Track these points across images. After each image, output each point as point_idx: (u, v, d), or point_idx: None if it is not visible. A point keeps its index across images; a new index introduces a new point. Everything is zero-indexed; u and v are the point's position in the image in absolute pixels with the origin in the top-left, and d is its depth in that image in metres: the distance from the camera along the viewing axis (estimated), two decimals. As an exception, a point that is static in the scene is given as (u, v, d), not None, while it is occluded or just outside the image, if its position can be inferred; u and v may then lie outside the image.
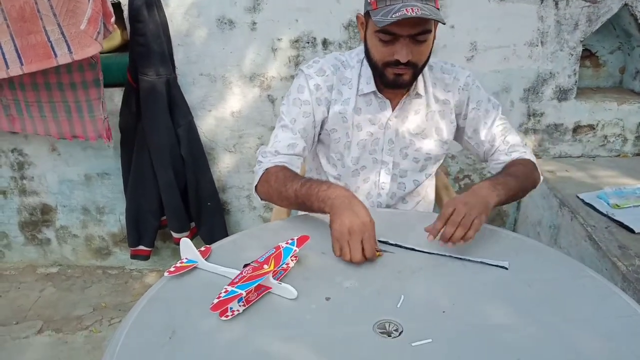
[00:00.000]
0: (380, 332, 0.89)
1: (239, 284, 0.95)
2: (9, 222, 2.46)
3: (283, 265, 1.03)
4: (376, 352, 0.85)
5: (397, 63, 1.18)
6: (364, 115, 1.32)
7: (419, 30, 1.14)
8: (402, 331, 0.89)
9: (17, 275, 2.51)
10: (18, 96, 1.99)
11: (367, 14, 1.20)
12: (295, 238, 1.08)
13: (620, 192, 1.86)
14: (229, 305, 0.93)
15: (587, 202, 1.83)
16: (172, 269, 1.07)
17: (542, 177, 1.36)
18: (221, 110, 2.19)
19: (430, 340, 0.87)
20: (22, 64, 1.65)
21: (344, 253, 1.06)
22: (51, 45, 1.61)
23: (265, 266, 0.99)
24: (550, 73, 2.13)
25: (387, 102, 1.32)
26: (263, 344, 0.87)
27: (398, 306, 0.95)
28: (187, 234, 2.23)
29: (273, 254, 1.04)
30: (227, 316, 0.93)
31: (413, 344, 0.86)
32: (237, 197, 2.34)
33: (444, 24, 1.14)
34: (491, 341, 0.87)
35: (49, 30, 1.59)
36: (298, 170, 1.30)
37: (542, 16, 2.05)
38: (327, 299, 0.98)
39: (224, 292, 0.93)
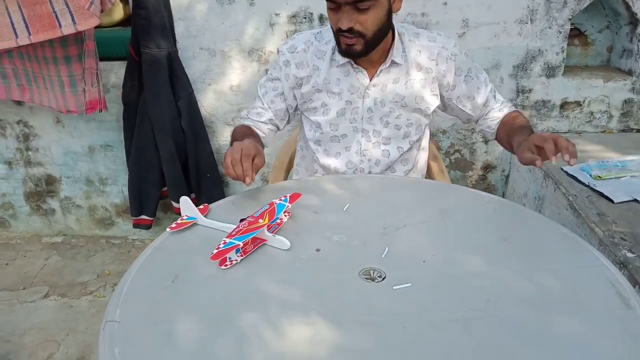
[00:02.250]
0: (365, 278, 0.98)
1: (236, 236, 1.03)
2: (14, 193, 2.54)
3: (277, 220, 1.12)
4: (361, 295, 0.94)
5: (343, 31, 1.24)
6: (342, 84, 1.38)
7: None
8: (385, 277, 0.98)
9: (23, 244, 2.60)
10: (27, 66, 2.05)
11: None
12: (288, 195, 1.16)
13: (603, 164, 1.94)
14: (228, 255, 1.02)
15: (571, 173, 1.91)
16: (173, 225, 1.16)
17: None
18: (220, 84, 2.26)
19: (410, 284, 0.95)
20: (29, 34, 1.72)
21: (226, 164, 1.16)
22: (56, 15, 1.67)
23: (260, 220, 1.07)
24: (539, 50, 2.20)
25: (364, 71, 1.37)
26: (258, 287, 0.96)
27: (382, 257, 1.04)
28: (187, 204, 2.31)
29: (267, 209, 1.12)
30: (225, 265, 1.01)
31: (394, 287, 0.95)
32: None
33: None
34: (464, 286, 0.95)
35: (54, 1, 1.66)
36: (263, 134, 1.44)
37: (532, -6, 2.11)
38: (317, 250, 1.07)
39: (223, 243, 1.01)
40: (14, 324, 2.06)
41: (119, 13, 2.20)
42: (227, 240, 1.02)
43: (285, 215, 1.16)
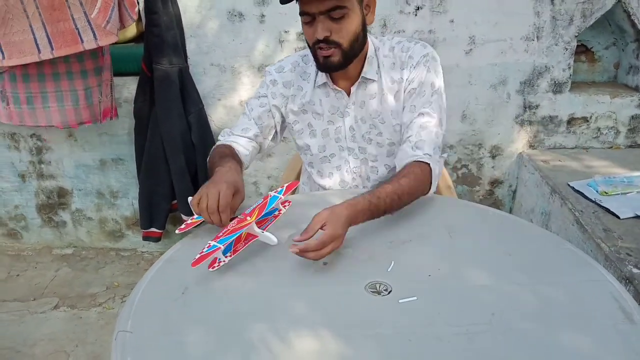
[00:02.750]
0: (372, 292, 0.99)
1: (220, 237, 1.04)
2: (27, 205, 2.58)
3: (275, 212, 1.12)
4: (367, 308, 0.95)
5: (319, 42, 1.23)
6: (324, 105, 1.40)
7: (329, 6, 1.19)
8: (391, 290, 0.99)
9: (34, 256, 2.63)
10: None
11: None
12: (285, 185, 1.17)
13: (609, 180, 1.95)
14: (216, 256, 1.02)
15: (577, 189, 1.92)
16: (182, 226, 1.19)
17: (433, 188, 1.30)
18: (230, 99, 2.30)
19: (415, 297, 0.97)
20: (52, 49, 1.78)
21: (201, 208, 1.14)
22: (78, 32, 1.73)
23: (249, 218, 1.07)
24: (546, 67, 2.22)
25: (342, 92, 1.37)
26: (266, 300, 0.98)
27: (388, 270, 1.05)
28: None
29: (259, 204, 1.13)
30: (214, 267, 1.02)
31: (400, 301, 0.96)
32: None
33: None
34: (469, 299, 0.97)
35: (76, 18, 1.71)
36: (246, 152, 1.41)
37: (538, 11, 2.14)
38: (324, 263, 1.08)
39: (207, 246, 1.02)
40: (24, 335, 2.08)
41: (132, 30, 2.26)
42: (212, 242, 1.03)
43: (285, 206, 1.16)
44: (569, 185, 1.96)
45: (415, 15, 2.12)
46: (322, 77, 1.37)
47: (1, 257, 2.63)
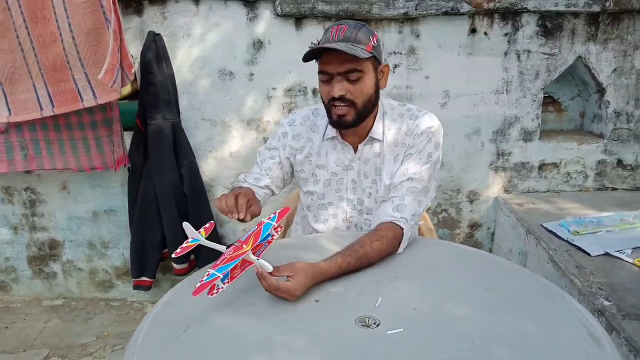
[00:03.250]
0: (361, 325, 1.07)
1: (219, 266, 1.12)
2: (18, 257, 2.61)
3: (268, 238, 1.20)
4: (358, 340, 1.03)
5: (334, 99, 1.34)
6: (330, 157, 1.49)
7: (347, 68, 1.31)
8: (379, 324, 1.07)
9: (23, 308, 2.64)
10: (38, 136, 2.21)
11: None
12: (277, 212, 1.26)
13: (580, 220, 2.08)
14: (215, 284, 1.10)
15: (550, 229, 2.04)
16: (178, 250, 1.27)
17: (401, 250, 1.36)
18: (221, 152, 2.42)
19: (402, 329, 1.05)
20: (53, 107, 1.90)
21: (219, 199, 1.31)
22: (78, 91, 1.86)
23: (245, 246, 1.15)
24: (516, 117, 2.39)
25: (349, 146, 1.47)
26: (265, 335, 1.05)
27: (376, 305, 1.14)
28: (186, 265, 2.40)
29: (254, 231, 1.21)
30: (212, 294, 1.09)
31: (388, 332, 1.04)
32: (233, 231, 2.53)
33: (361, 59, 1.28)
34: (452, 330, 1.05)
35: (77, 79, 1.84)
36: (259, 197, 1.51)
37: (507, 67, 2.33)
38: (317, 301, 1.17)
39: (206, 275, 1.09)
40: (14, 388, 2.08)
41: (126, 89, 2.38)
42: (211, 271, 1.11)
43: (277, 232, 1.24)
44: (542, 226, 2.08)
45: (393, 72, 2.29)
46: (332, 131, 1.47)
47: (-11, 310, 2.63)
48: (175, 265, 2.39)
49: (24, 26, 1.76)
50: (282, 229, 1.30)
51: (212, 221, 1.38)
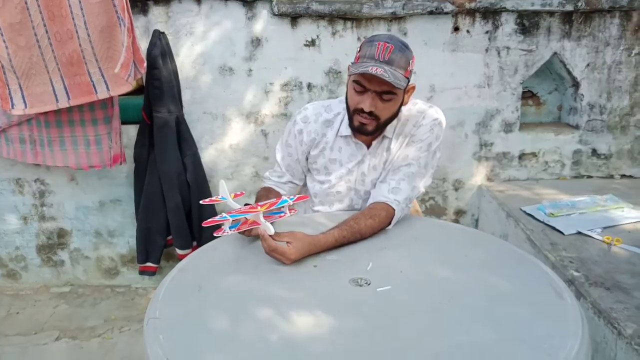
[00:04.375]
0: (354, 284, 1.23)
1: (232, 213, 1.32)
2: (27, 246, 2.74)
3: (281, 213, 1.39)
4: (351, 295, 1.19)
5: (363, 111, 1.42)
6: (343, 153, 1.60)
7: (384, 89, 1.39)
8: (370, 283, 1.23)
9: (32, 295, 2.77)
10: (42, 133, 2.33)
11: (350, 65, 1.50)
12: (297, 195, 1.45)
13: (555, 204, 2.24)
14: (223, 227, 1.30)
15: (528, 212, 2.21)
16: (207, 200, 1.49)
17: (391, 227, 1.50)
18: (221, 144, 2.56)
19: (390, 287, 1.21)
20: (69, 99, 2.04)
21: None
22: (93, 84, 2.00)
23: (259, 207, 1.34)
24: (497, 110, 2.55)
25: (362, 144, 1.57)
26: (270, 292, 1.20)
27: (368, 269, 1.29)
28: (189, 251, 2.54)
29: (271, 201, 1.39)
30: (218, 233, 1.31)
31: (378, 290, 1.20)
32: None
33: (400, 88, 1.37)
34: (433, 287, 1.21)
35: (92, 73, 1.98)
36: (284, 192, 1.68)
37: (488, 63, 2.49)
38: (315, 266, 1.32)
39: (219, 216, 1.30)
40: (28, 365, 2.21)
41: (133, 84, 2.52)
42: (224, 214, 1.30)
43: (290, 212, 1.41)
44: (521, 210, 2.25)
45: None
46: (346, 129, 1.56)
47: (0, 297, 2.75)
48: (178, 251, 2.53)
49: (42, 24, 1.90)
50: (296, 212, 1.45)
51: (243, 191, 1.65)
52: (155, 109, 2.32)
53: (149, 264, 2.57)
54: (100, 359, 2.26)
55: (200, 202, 1.49)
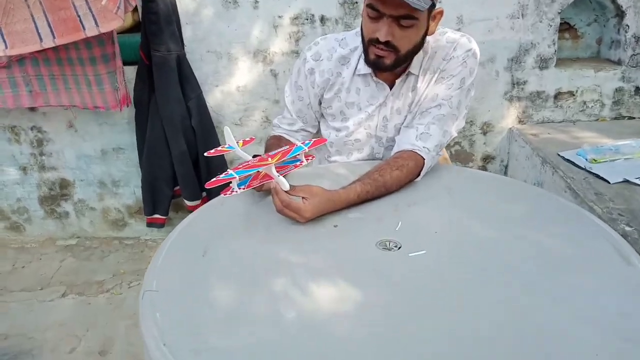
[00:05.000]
0: (382, 248, 1.06)
1: (239, 169, 1.10)
2: (29, 197, 2.61)
3: (296, 163, 1.19)
4: (379, 262, 1.02)
5: (378, 41, 1.21)
6: (362, 95, 1.39)
7: (402, 13, 1.16)
8: (400, 247, 1.06)
9: (38, 248, 2.67)
10: (42, 71, 2.15)
11: None
12: (312, 139, 1.22)
13: (597, 149, 2.03)
14: (231, 186, 1.10)
15: (567, 158, 2.00)
16: (212, 151, 1.26)
17: (420, 178, 1.32)
18: (227, 85, 2.35)
19: (424, 251, 1.03)
20: (54, 37, 1.83)
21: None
22: (80, 19, 1.78)
23: (270, 159, 1.13)
24: (532, 43, 2.29)
25: (384, 84, 1.36)
26: (284, 257, 1.04)
27: (397, 229, 1.12)
28: (198, 202, 2.39)
29: (283, 149, 1.17)
30: (226, 194, 1.10)
31: (410, 255, 1.03)
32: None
33: (421, 10, 1.14)
34: (474, 251, 1.04)
35: (78, 6, 1.76)
36: (297, 142, 1.46)
37: (523, -10, 2.21)
38: (335, 226, 1.15)
39: (224, 173, 1.08)
40: (34, 322, 2.12)
41: (127, 20, 2.29)
42: (230, 171, 1.09)
43: (307, 160, 1.22)
44: (559, 155, 2.04)
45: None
46: (365, 67, 1.35)
47: (5, 250, 2.66)
48: (187, 203, 2.38)
49: (17, -50, 1.67)
50: (314, 158, 1.25)
51: (253, 137, 1.37)
52: (153, 47, 2.10)
53: (156, 215, 2.43)
54: (108, 314, 2.17)
55: (205, 154, 1.29)
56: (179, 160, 2.26)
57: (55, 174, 2.55)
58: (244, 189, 1.12)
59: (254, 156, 1.20)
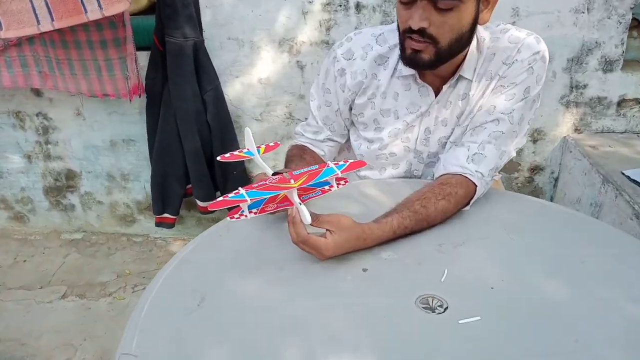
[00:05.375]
0: (424, 308, 0.83)
1: (254, 189, 0.87)
2: (33, 187, 2.45)
3: (324, 186, 0.97)
4: (420, 328, 0.79)
5: (413, 31, 0.99)
6: (400, 101, 1.16)
7: None
8: (447, 307, 0.83)
9: (42, 240, 2.51)
10: (49, 53, 1.97)
11: None
12: (349, 161, 0.96)
13: (669, 169, 1.75)
14: (241, 207, 0.88)
15: (633, 178, 1.73)
16: (227, 155, 1.04)
17: (468, 208, 1.10)
18: (248, 77, 2.12)
19: (479, 317, 0.80)
20: (52, 20, 1.63)
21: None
22: (81, 0, 1.57)
23: (293, 181, 0.90)
24: (596, 42, 2.00)
25: (429, 88, 1.13)
26: (299, 313, 0.82)
27: (442, 280, 0.89)
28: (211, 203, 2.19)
29: (312, 170, 0.94)
30: (233, 217, 0.88)
31: (460, 322, 0.79)
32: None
33: None
34: (544, 320, 0.80)
35: (79, -15, 1.56)
36: (322, 152, 1.29)
37: (591, -20, 1.92)
38: (364, 270, 0.92)
39: (235, 193, 0.86)
40: (30, 326, 1.96)
41: (142, 1, 2.08)
42: (242, 191, 0.86)
43: (339, 184, 0.98)
44: (623, 173, 1.77)
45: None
46: (407, 68, 1.11)
47: (7, 242, 2.51)
48: (199, 203, 2.18)
49: None
50: (347, 183, 1.00)
51: (278, 142, 1.12)
52: (168, 32, 1.89)
53: (166, 215, 2.24)
54: (108, 322, 1.99)
55: (218, 158, 1.07)
56: (192, 157, 2.06)
57: (61, 164, 2.37)
58: (255, 213, 0.91)
59: (274, 174, 0.98)
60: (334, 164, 0.94)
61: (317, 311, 0.83)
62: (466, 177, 1.08)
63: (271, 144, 1.10)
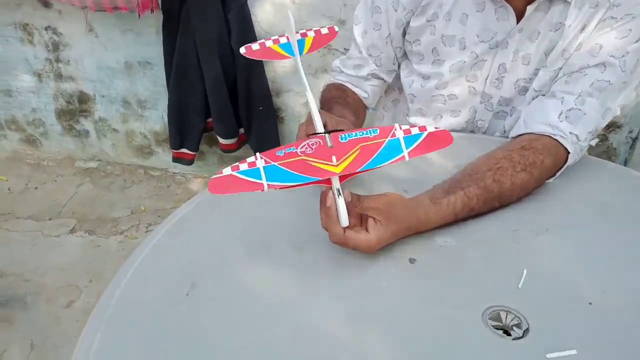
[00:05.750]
0: (494, 327, 0.59)
1: (276, 164, 0.58)
2: (45, 109, 2.26)
3: (384, 162, 0.60)
4: (489, 356, 0.56)
5: None
6: (469, 25, 0.91)
7: None
8: (527, 329, 0.59)
9: (55, 167, 2.35)
10: None
11: None
12: (427, 129, 0.61)
13: None
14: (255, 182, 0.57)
15: None
16: (255, 48, 0.82)
17: (553, 179, 0.83)
18: (281, -5, 1.82)
19: (574, 352, 0.56)
20: None
21: None
22: None
23: (335, 159, 0.59)
24: None
25: (510, 10, 0.87)
26: (321, 322, 0.60)
27: (519, 286, 0.64)
28: (234, 141, 1.96)
29: (367, 137, 0.61)
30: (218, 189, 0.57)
31: (548, 356, 0.55)
32: (293, 104, 2.01)
33: None
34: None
35: None
36: (365, 94, 1.03)
37: None
38: (411, 261, 0.68)
39: (249, 164, 0.58)
40: (35, 261, 1.83)
41: None
42: (259, 161, 0.58)
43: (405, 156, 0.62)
44: None
45: None
46: None
47: (20, 165, 2.36)
48: (221, 140, 1.95)
49: None
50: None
51: (333, 26, 0.79)
52: None
53: (184, 150, 2.02)
54: (117, 263, 1.81)
55: (242, 50, 0.79)
56: (213, 87, 1.80)
57: (74, 85, 2.16)
58: (277, 185, 0.58)
59: (311, 134, 0.64)
60: (403, 130, 0.62)
61: (346, 320, 0.60)
62: (557, 140, 0.81)
63: (324, 30, 0.77)
